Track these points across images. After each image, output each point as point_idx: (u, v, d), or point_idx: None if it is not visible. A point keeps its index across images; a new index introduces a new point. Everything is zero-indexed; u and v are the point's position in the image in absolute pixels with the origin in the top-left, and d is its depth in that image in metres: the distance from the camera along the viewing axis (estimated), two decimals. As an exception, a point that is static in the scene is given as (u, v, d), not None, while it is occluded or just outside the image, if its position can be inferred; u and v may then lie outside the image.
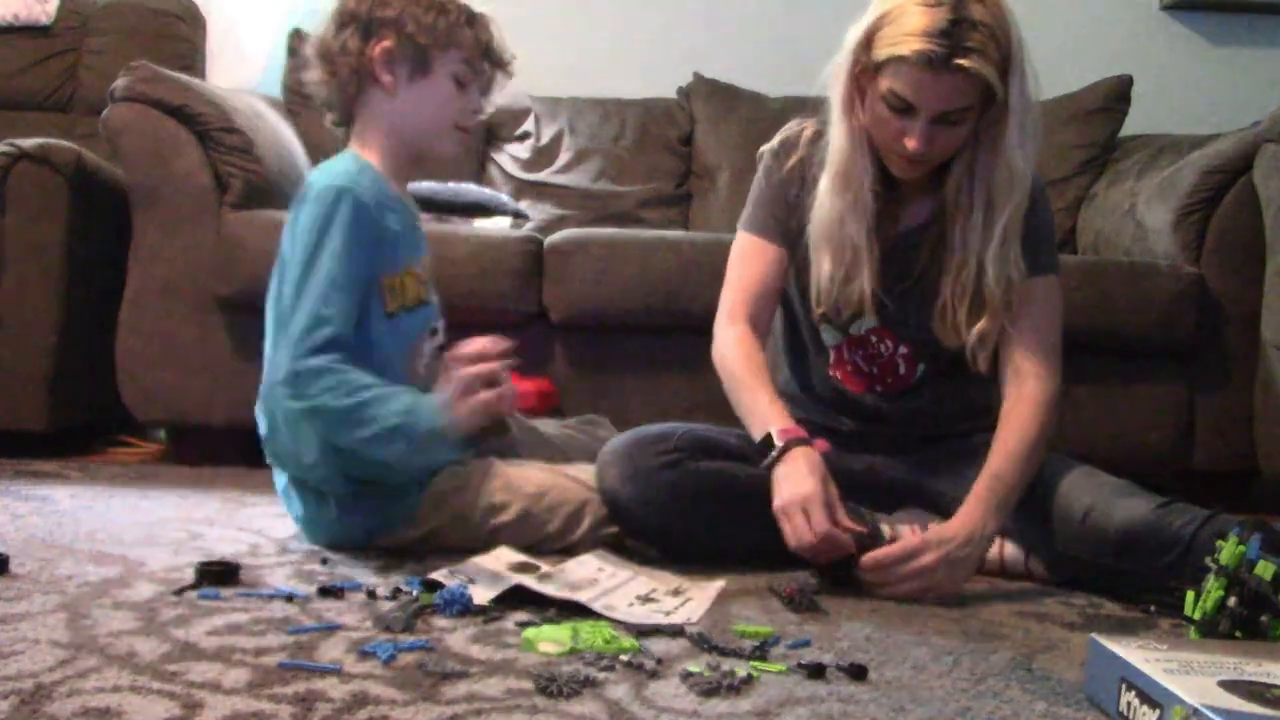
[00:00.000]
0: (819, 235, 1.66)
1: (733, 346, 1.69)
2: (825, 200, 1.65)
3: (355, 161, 1.65)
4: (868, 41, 1.54)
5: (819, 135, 1.69)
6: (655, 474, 1.62)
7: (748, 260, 1.74)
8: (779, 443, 1.55)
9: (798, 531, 1.49)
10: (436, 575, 1.43)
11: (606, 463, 1.66)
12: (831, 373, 1.78)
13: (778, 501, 1.51)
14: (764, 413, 1.60)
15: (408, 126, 1.68)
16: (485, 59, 1.70)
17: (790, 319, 1.84)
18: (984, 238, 1.60)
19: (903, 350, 1.73)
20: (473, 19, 1.68)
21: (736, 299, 1.73)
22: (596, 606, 1.35)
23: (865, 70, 1.56)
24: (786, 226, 1.72)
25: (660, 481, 1.61)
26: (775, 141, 1.77)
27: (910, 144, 1.54)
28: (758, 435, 1.59)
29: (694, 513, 1.62)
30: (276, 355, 1.55)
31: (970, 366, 1.65)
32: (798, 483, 1.50)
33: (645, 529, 1.66)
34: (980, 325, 1.63)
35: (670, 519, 1.63)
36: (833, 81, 1.60)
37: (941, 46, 1.47)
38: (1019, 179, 1.58)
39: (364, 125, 1.69)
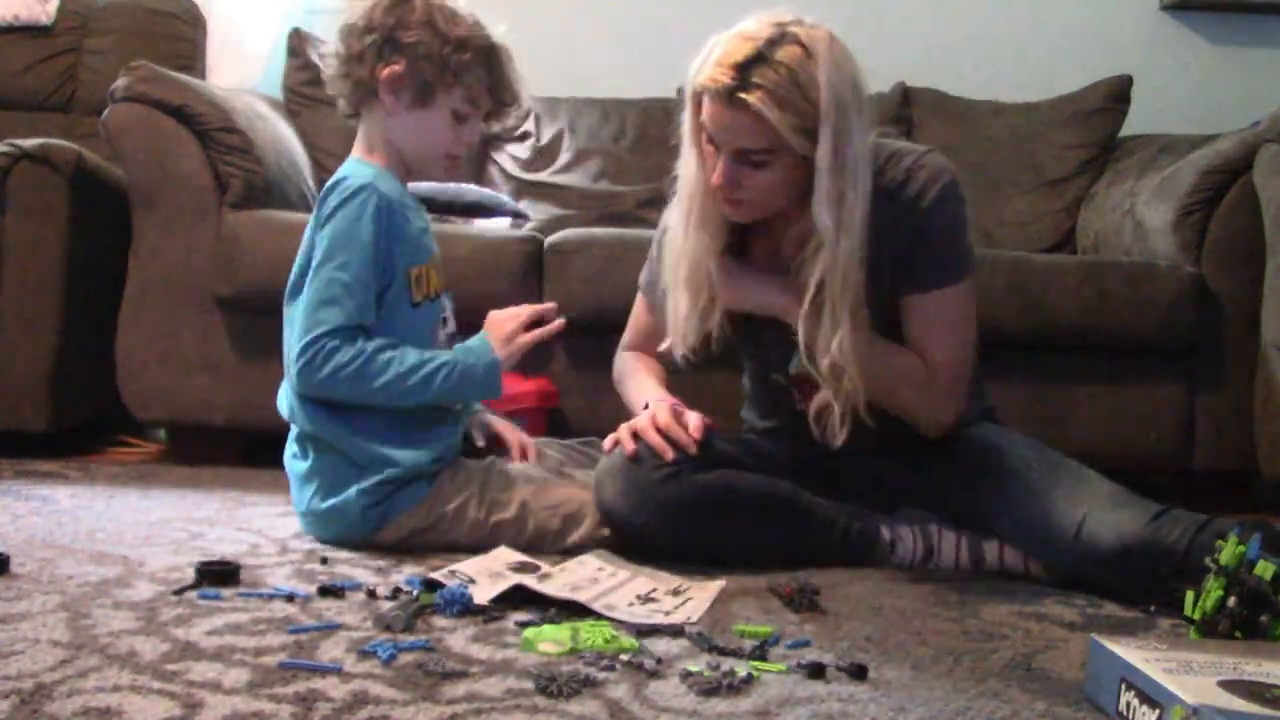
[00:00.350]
0: (676, 271, 1.65)
1: (623, 360, 1.90)
2: (682, 237, 1.63)
3: (368, 166, 1.69)
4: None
5: None
6: (654, 488, 1.61)
7: (636, 313, 1.91)
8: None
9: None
10: (436, 575, 1.43)
11: (604, 478, 1.64)
12: (800, 408, 1.70)
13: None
14: (646, 390, 1.76)
15: (400, 146, 1.72)
16: (490, 96, 1.71)
17: (747, 366, 1.85)
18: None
19: None
20: (490, 55, 1.69)
21: (627, 339, 1.93)
22: (596, 606, 1.35)
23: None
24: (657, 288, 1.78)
25: (659, 496, 1.60)
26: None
27: (715, 179, 1.54)
28: (638, 408, 1.72)
29: (694, 524, 1.62)
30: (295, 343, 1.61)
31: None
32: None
33: (645, 542, 1.64)
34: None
35: (671, 531, 1.61)
36: (685, 114, 1.58)
37: (730, 79, 1.45)
38: (827, 244, 1.50)
39: (369, 130, 1.73)
